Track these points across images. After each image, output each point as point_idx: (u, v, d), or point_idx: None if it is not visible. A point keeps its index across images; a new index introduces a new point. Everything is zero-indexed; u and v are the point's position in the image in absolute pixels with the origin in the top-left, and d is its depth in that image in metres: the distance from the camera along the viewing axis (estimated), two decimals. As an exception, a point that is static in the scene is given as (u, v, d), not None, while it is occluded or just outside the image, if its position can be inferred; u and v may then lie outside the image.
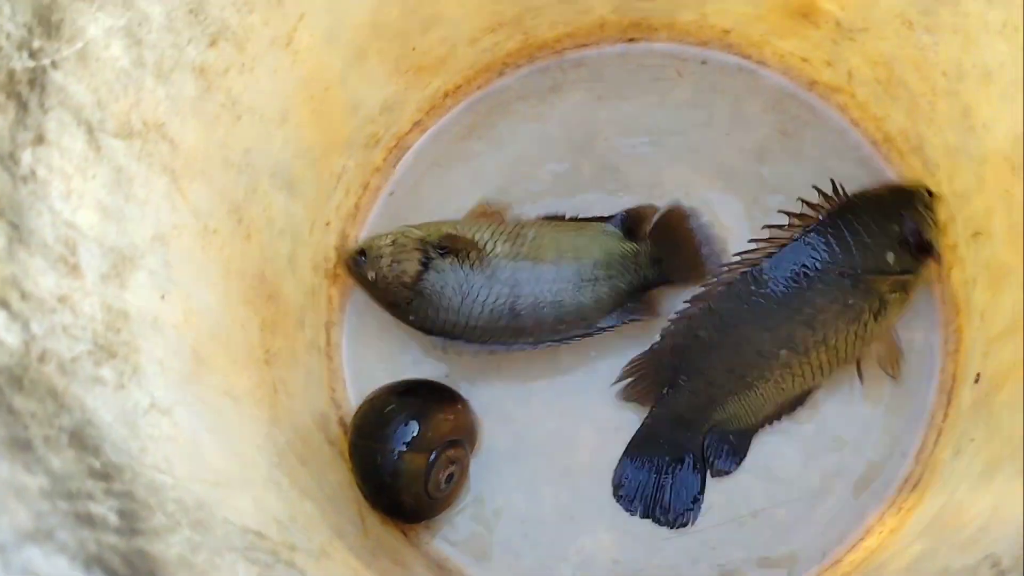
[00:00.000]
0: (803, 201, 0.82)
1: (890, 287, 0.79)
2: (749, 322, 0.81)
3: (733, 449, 0.84)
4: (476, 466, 0.86)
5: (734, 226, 0.88)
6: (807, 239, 0.80)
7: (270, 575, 0.51)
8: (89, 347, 0.52)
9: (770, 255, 0.81)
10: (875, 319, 0.80)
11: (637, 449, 0.85)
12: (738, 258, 0.82)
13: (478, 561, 0.85)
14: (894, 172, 0.88)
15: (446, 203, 0.93)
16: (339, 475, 0.81)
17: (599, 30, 0.93)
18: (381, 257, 0.85)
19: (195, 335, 0.64)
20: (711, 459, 0.84)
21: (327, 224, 0.88)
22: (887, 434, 0.84)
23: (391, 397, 0.83)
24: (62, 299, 0.51)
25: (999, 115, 0.71)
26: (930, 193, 0.82)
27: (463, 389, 0.87)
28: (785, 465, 0.85)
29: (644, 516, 0.85)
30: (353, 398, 0.89)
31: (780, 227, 0.82)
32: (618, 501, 0.85)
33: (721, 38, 0.91)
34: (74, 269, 0.53)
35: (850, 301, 0.79)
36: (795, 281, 0.80)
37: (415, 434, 0.81)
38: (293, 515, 0.64)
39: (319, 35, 0.76)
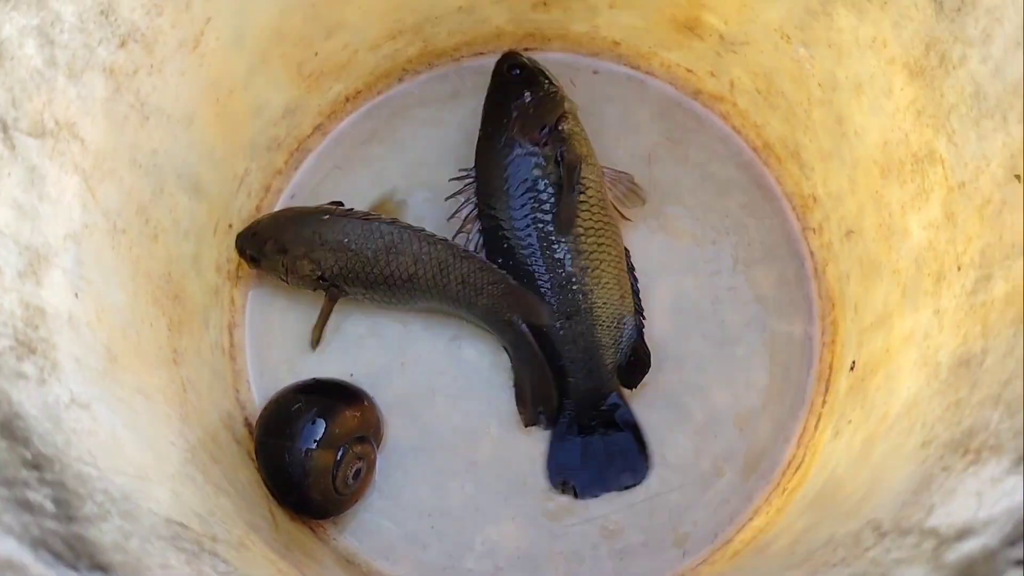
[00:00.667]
0: None
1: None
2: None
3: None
4: (382, 462, 0.88)
5: (627, 226, 0.93)
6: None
7: (197, 563, 0.52)
8: (11, 343, 0.52)
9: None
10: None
11: (560, 441, 0.89)
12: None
13: (385, 555, 0.87)
14: (773, 176, 0.94)
15: (347, 204, 0.94)
16: (248, 473, 0.81)
17: (496, 39, 0.96)
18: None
19: (108, 333, 0.65)
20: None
21: (230, 226, 0.88)
22: (771, 421, 0.90)
23: (298, 396, 0.85)
24: (-18, 295, 0.51)
25: (869, 123, 0.77)
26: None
27: (368, 387, 0.88)
28: (678, 452, 0.89)
29: (604, 491, 0.88)
30: (257, 398, 0.89)
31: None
32: (576, 495, 0.88)
33: (612, 49, 0.96)
34: (-8, 266, 0.53)
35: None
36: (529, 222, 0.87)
37: (323, 431, 0.82)
38: (211, 509, 0.65)
39: (225, 39, 0.76)
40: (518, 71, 0.90)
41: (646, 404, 0.90)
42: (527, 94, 0.88)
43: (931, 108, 0.68)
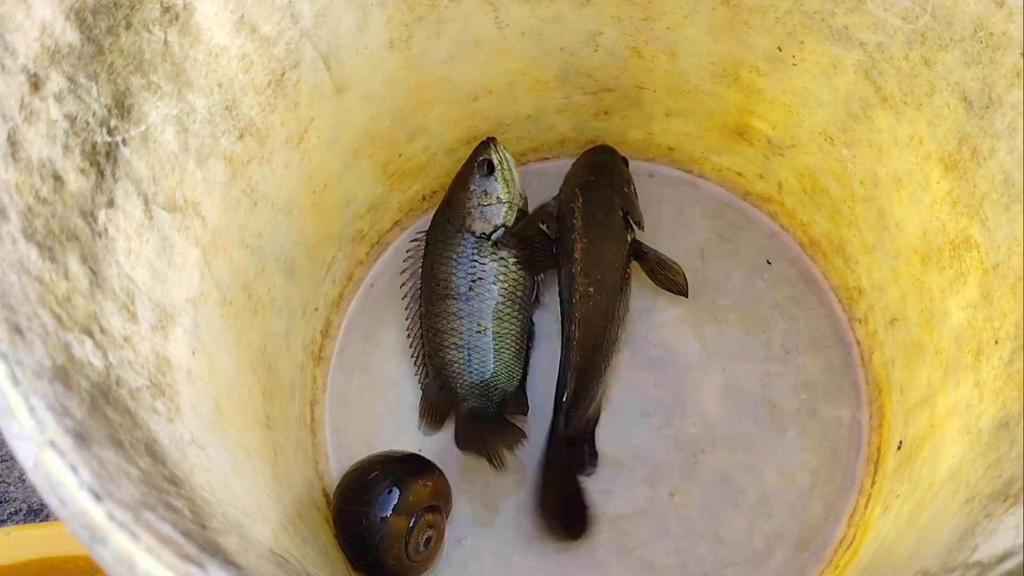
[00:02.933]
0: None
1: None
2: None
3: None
4: (450, 532, 0.93)
5: (681, 315, 0.99)
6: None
7: (299, 585, 0.58)
8: (146, 382, 0.59)
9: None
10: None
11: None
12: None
13: (452, 622, 0.91)
14: (819, 270, 1.00)
15: (421, 295, 1.02)
16: (327, 537, 0.87)
17: (560, 145, 1.05)
18: None
19: (217, 390, 0.72)
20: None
21: (316, 309, 0.96)
22: (821, 501, 0.94)
23: (374, 465, 0.90)
24: (127, 339, 0.59)
25: (908, 215, 0.84)
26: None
27: (438, 461, 0.94)
28: (732, 530, 0.93)
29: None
30: (335, 471, 0.95)
31: None
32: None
33: (666, 154, 1.04)
34: (133, 316, 0.61)
35: None
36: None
37: (397, 499, 0.87)
38: (303, 554, 0.70)
39: (324, 137, 0.86)
40: (485, 168, 0.98)
41: (702, 483, 0.94)
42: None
43: (965, 197, 0.75)
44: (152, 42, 0.63)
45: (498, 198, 0.96)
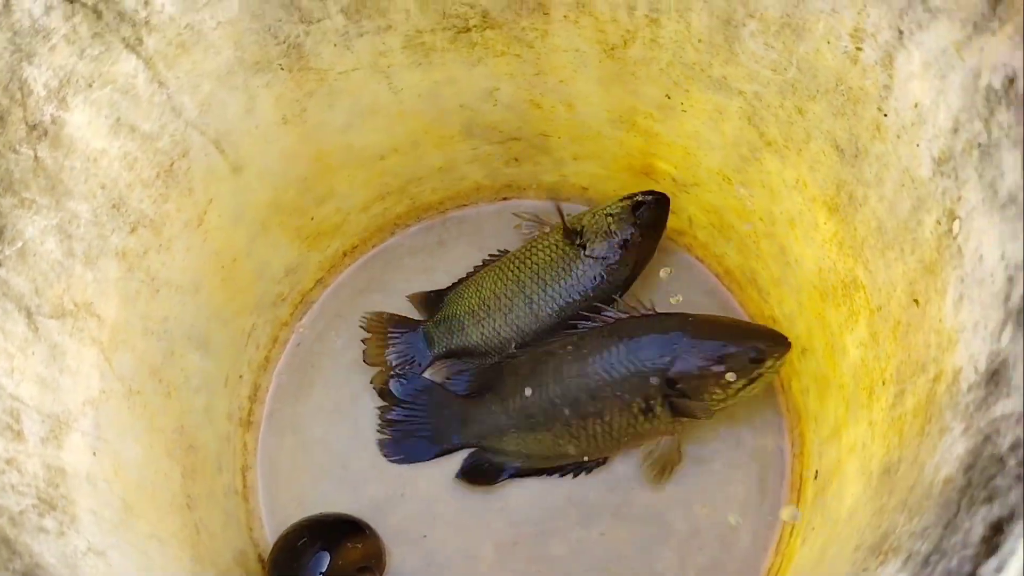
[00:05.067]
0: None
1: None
2: (550, 373, 0.93)
3: (485, 472, 0.98)
4: (387, 589, 0.95)
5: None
6: (627, 329, 0.92)
7: None
8: (33, 501, 0.60)
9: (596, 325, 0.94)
10: (645, 419, 0.91)
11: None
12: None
13: None
14: (736, 300, 1.01)
15: (348, 349, 1.03)
16: (259, 608, 0.88)
17: (476, 192, 1.06)
18: None
19: (123, 485, 0.73)
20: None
21: (240, 377, 0.97)
22: (750, 532, 0.95)
23: (303, 532, 0.92)
24: (9, 461, 0.60)
25: (804, 252, 0.85)
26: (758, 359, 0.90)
27: (372, 518, 0.95)
28: (664, 565, 0.95)
29: None
30: (270, 535, 0.97)
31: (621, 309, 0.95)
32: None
33: (581, 193, 1.06)
34: (18, 435, 0.62)
35: (626, 395, 0.90)
36: (598, 355, 0.91)
37: (327, 564, 0.89)
38: (217, 642, 0.71)
39: (226, 216, 0.87)
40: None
41: (633, 520, 0.96)
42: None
43: (848, 240, 0.76)
44: (20, 161, 0.64)
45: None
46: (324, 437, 1.01)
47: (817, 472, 0.89)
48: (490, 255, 1.04)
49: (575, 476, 0.97)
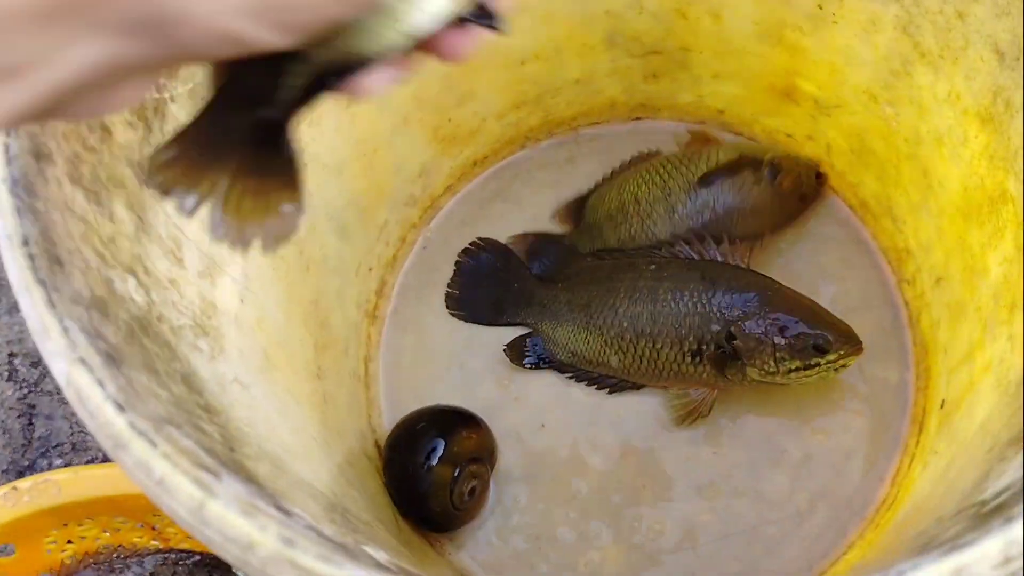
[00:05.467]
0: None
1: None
2: (624, 283, 0.94)
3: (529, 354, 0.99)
4: (495, 486, 0.96)
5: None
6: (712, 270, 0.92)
7: (331, 515, 0.61)
8: (190, 322, 0.63)
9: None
10: (691, 362, 0.91)
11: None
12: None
13: (496, 571, 0.94)
14: (869, 231, 1.00)
15: (473, 258, 1.05)
16: (376, 485, 0.90)
17: (609, 109, 1.07)
18: None
19: (265, 338, 0.76)
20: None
21: (370, 269, 1.00)
22: (866, 461, 0.94)
23: (422, 418, 0.94)
24: (172, 281, 0.63)
25: (950, 172, 0.83)
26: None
27: (485, 417, 0.97)
28: (774, 489, 0.94)
29: None
30: (387, 424, 0.99)
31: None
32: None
33: (716, 117, 1.05)
34: (179, 262, 0.65)
35: (683, 330, 0.90)
36: (675, 283, 0.92)
37: (443, 449, 0.91)
38: (345, 493, 0.74)
39: (372, 102, 0.89)
40: None
41: (746, 442, 0.95)
42: None
43: (1001, 151, 0.74)
44: None
45: None
46: (443, 338, 1.03)
47: (944, 402, 0.87)
48: (633, 156, 1.04)
49: (610, 392, 0.98)
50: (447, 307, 1.03)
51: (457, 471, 0.91)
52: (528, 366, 0.99)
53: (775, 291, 0.90)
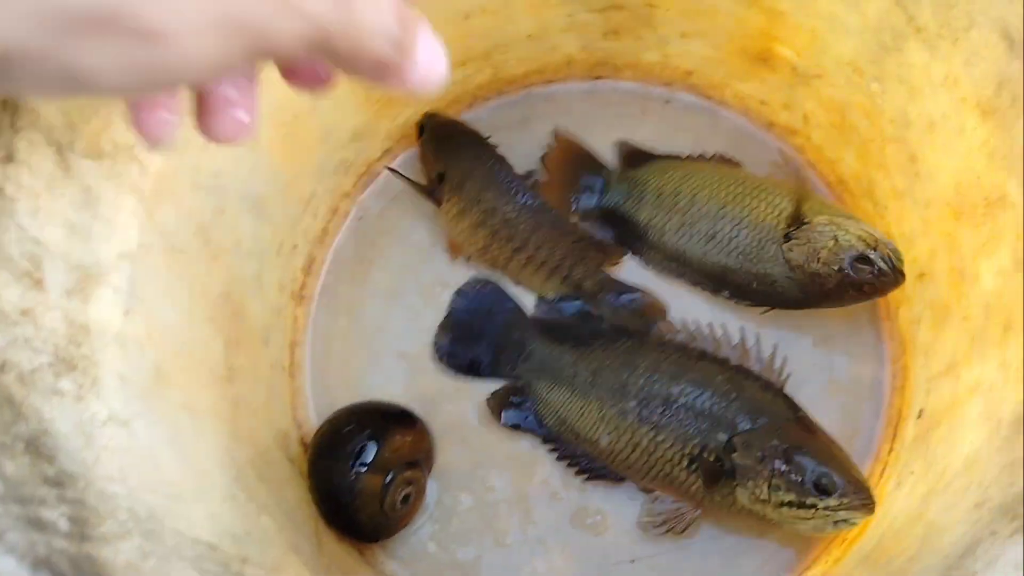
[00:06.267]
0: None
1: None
2: (646, 360, 0.84)
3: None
4: (433, 487, 0.88)
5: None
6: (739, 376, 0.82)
7: (221, 581, 0.53)
8: (50, 359, 0.54)
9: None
10: (686, 467, 0.81)
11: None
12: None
13: (432, 581, 0.87)
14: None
15: (413, 229, 0.95)
16: (298, 492, 0.82)
17: (566, 67, 0.96)
18: None
19: (157, 351, 0.66)
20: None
21: (294, 247, 0.90)
22: (834, 467, 0.86)
23: (351, 418, 0.85)
24: (25, 312, 0.53)
25: (941, 163, 0.74)
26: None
27: (423, 411, 0.88)
28: (735, 493, 0.87)
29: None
30: (315, 418, 0.90)
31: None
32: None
33: (684, 79, 0.95)
34: (38, 283, 0.55)
35: (691, 429, 0.81)
36: (699, 375, 0.82)
37: (373, 454, 0.82)
38: (248, 529, 0.66)
39: (291, 64, 0.78)
40: None
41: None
42: None
43: (1003, 149, 0.65)
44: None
45: None
46: (380, 321, 0.94)
47: (922, 411, 0.80)
48: (716, 155, 0.93)
49: (587, 479, 0.87)
50: (436, 354, 0.92)
51: (389, 478, 0.82)
52: (507, 425, 0.89)
53: (798, 420, 0.80)
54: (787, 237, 0.84)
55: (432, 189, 0.91)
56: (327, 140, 0.88)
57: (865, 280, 0.81)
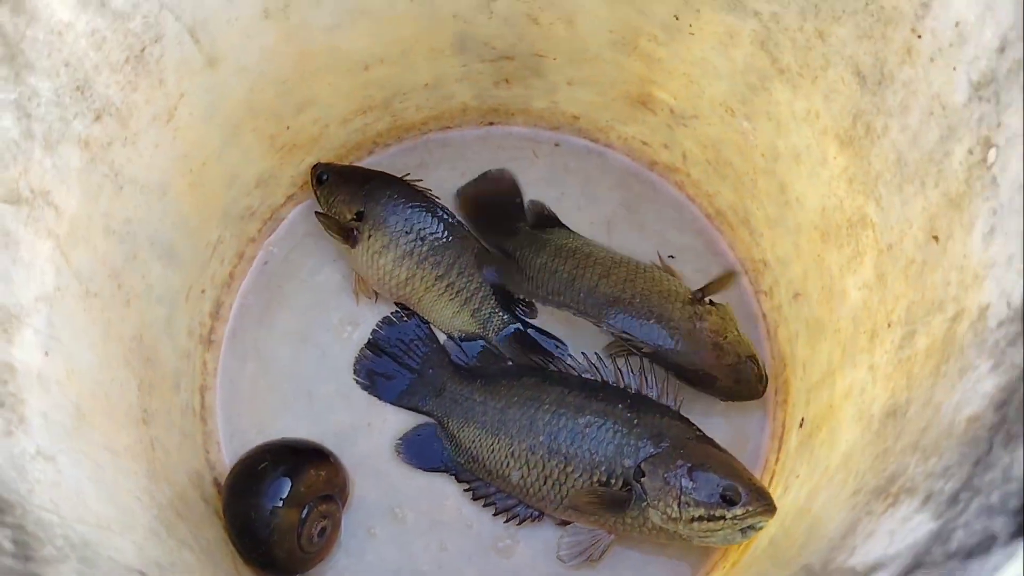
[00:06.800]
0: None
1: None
2: (551, 396, 0.89)
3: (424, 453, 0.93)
4: (348, 521, 0.90)
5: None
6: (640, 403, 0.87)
7: (154, 607, 0.55)
8: (-21, 396, 0.55)
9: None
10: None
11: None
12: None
13: (350, 614, 0.88)
14: (726, 241, 0.98)
15: (317, 272, 0.98)
16: (214, 531, 0.83)
17: (461, 114, 1.01)
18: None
19: (77, 391, 0.67)
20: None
21: (202, 292, 0.92)
22: (727, 479, 0.92)
23: (264, 455, 0.87)
24: (-46, 351, 0.54)
25: (808, 190, 0.81)
26: None
27: (334, 448, 0.91)
28: (636, 510, 0.91)
29: None
30: (228, 459, 0.92)
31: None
32: None
33: (572, 123, 1.01)
34: (-36, 323, 0.56)
35: (597, 458, 0.85)
36: (603, 406, 0.87)
37: (288, 489, 0.84)
38: (173, 562, 0.67)
39: (198, 113, 0.81)
40: None
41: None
42: None
43: (861, 175, 0.73)
44: (-22, 23, 0.58)
45: None
46: (289, 362, 0.96)
47: (803, 420, 0.86)
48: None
49: (506, 521, 0.90)
50: (354, 370, 0.95)
51: (305, 512, 0.85)
52: (425, 468, 0.92)
53: (697, 439, 0.85)
54: (698, 300, 0.90)
55: (350, 229, 0.94)
56: (232, 186, 0.91)
57: (748, 375, 0.88)
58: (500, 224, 0.98)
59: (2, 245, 0.62)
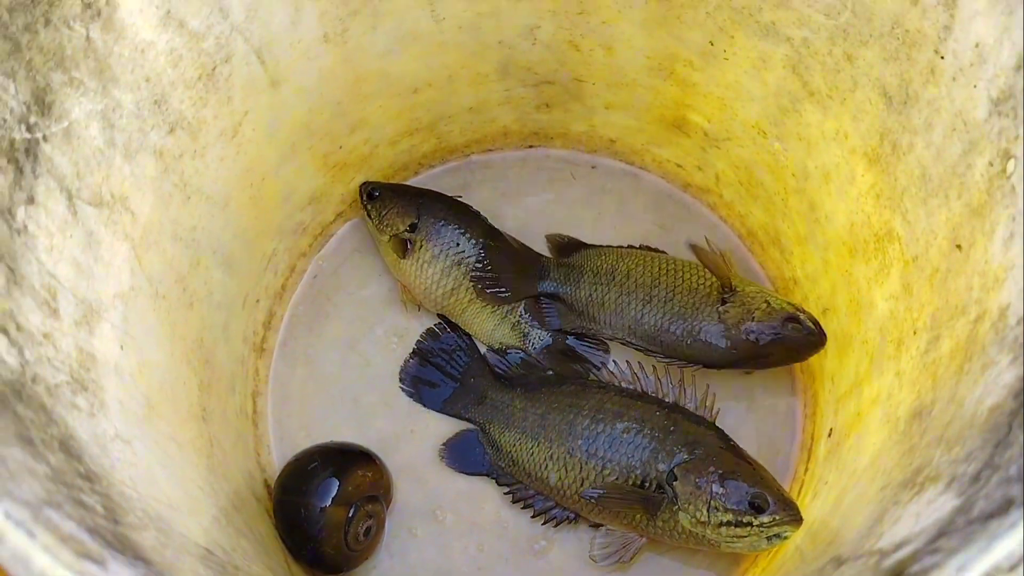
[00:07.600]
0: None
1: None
2: (590, 402, 0.93)
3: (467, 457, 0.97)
4: (391, 523, 0.94)
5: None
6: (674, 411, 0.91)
7: (223, 578, 0.59)
8: (67, 378, 0.59)
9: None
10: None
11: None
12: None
13: (393, 611, 0.92)
14: (757, 260, 1.02)
15: (364, 286, 1.03)
16: (266, 528, 0.87)
17: (503, 137, 1.06)
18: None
19: (147, 384, 0.72)
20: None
21: (257, 301, 0.97)
22: (757, 488, 0.95)
23: (314, 456, 0.91)
24: (46, 335, 0.59)
25: (837, 207, 0.85)
26: None
27: (379, 453, 0.95)
28: (670, 518, 0.94)
29: None
30: (277, 462, 0.96)
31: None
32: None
33: (608, 146, 1.05)
34: (54, 312, 0.61)
35: (634, 462, 0.88)
36: (639, 412, 0.90)
37: (336, 489, 0.88)
38: (233, 547, 0.71)
39: (260, 130, 0.86)
40: None
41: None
42: None
43: (887, 191, 0.76)
44: (73, 38, 0.63)
45: None
46: (336, 370, 1.01)
47: (831, 430, 0.89)
48: (643, 246, 1.01)
49: (544, 523, 0.94)
50: (399, 377, 1.00)
51: (352, 511, 0.88)
52: (467, 472, 0.97)
53: (729, 448, 0.89)
54: (722, 300, 0.93)
55: (404, 240, 0.98)
56: (288, 201, 0.96)
57: (794, 338, 0.90)
58: (527, 277, 1.00)
59: (86, 244, 0.67)
